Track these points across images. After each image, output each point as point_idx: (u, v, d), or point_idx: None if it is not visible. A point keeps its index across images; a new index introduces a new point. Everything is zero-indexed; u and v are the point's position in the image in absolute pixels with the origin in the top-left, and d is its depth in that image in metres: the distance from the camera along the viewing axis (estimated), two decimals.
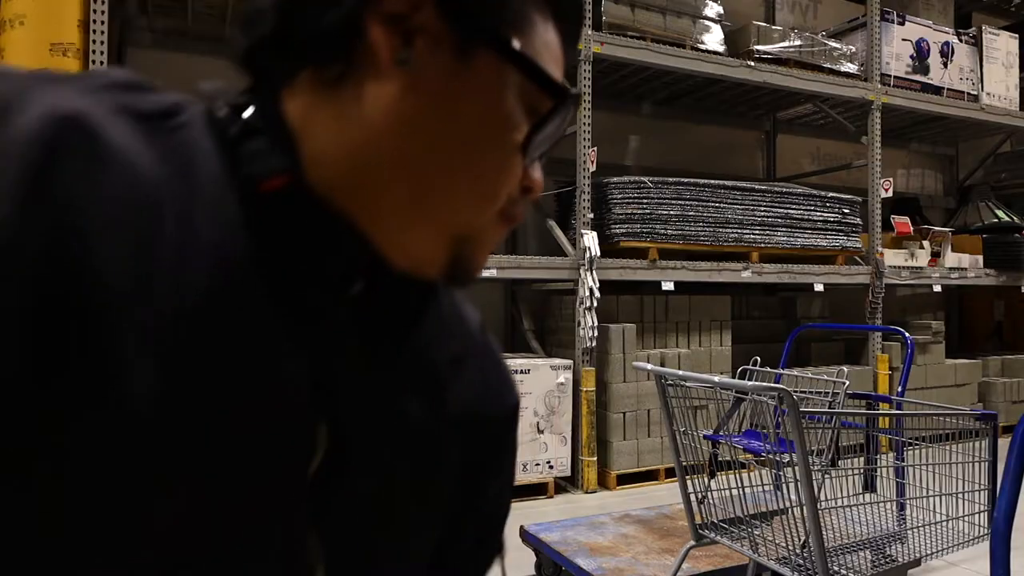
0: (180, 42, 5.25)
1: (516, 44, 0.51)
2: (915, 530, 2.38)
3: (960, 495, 2.36)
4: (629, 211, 5.25)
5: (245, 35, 0.53)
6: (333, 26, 0.49)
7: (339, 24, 0.49)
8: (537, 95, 0.52)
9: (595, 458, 4.98)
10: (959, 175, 9.03)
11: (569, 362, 4.93)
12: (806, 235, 5.94)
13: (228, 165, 0.48)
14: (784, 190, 5.95)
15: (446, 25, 0.50)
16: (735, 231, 5.60)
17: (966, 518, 2.36)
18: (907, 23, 6.66)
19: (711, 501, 2.46)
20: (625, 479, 5.08)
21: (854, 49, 6.39)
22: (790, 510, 2.16)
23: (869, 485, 2.65)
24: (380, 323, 0.54)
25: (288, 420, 0.48)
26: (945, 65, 6.85)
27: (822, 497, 2.13)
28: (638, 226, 5.26)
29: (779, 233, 5.80)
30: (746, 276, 5.64)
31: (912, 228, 6.74)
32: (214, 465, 0.45)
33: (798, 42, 6.05)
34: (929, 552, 2.38)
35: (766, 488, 2.42)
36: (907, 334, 3.56)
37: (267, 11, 0.51)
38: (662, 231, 5.32)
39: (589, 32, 5.07)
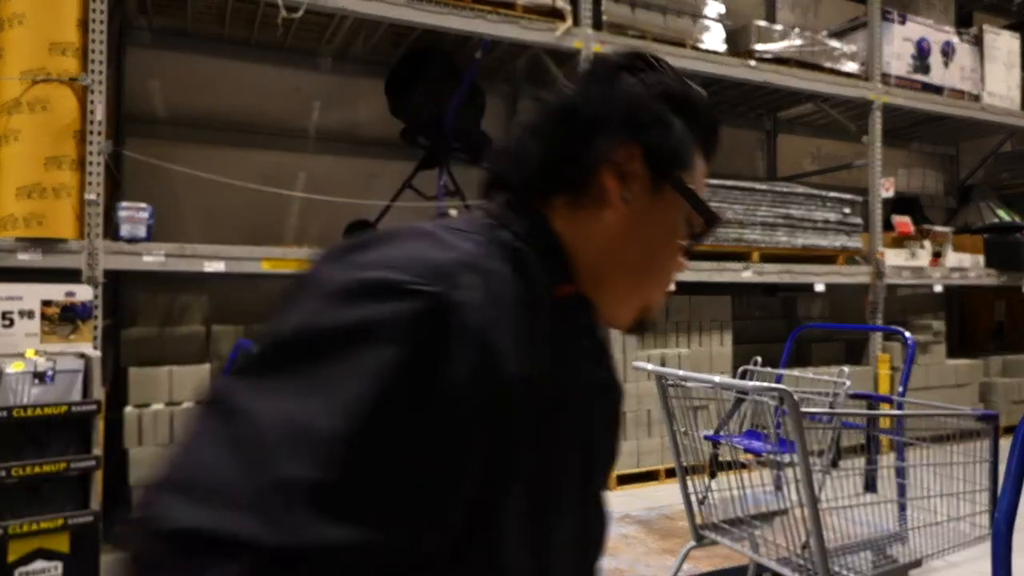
0: (179, 41, 5.25)
1: (688, 183, 0.81)
2: (916, 530, 2.38)
3: (961, 495, 2.35)
4: None
5: (512, 171, 0.82)
6: (581, 172, 0.79)
7: (585, 171, 0.79)
8: (695, 214, 0.83)
9: None
10: (960, 175, 9.02)
11: None
12: (807, 235, 5.93)
13: (540, 276, 0.75)
14: (785, 190, 5.94)
15: (648, 172, 0.80)
16: (735, 231, 5.58)
17: (967, 518, 2.35)
18: (908, 22, 6.65)
19: (711, 502, 2.45)
20: (625, 479, 5.07)
21: (855, 49, 6.38)
22: (791, 510, 2.16)
23: (870, 485, 2.64)
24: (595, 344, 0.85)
25: (607, 423, 0.86)
26: (946, 65, 6.83)
27: (823, 497, 2.12)
28: None
29: (780, 233, 5.78)
30: (746, 276, 5.63)
31: (913, 228, 6.73)
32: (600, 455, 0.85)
33: (799, 42, 6.04)
34: (930, 552, 2.37)
35: (767, 488, 2.42)
36: (908, 334, 3.55)
37: (533, 157, 0.80)
38: None
39: (589, 32, 5.06)
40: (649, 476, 5.17)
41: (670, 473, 5.09)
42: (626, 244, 0.80)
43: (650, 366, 2.49)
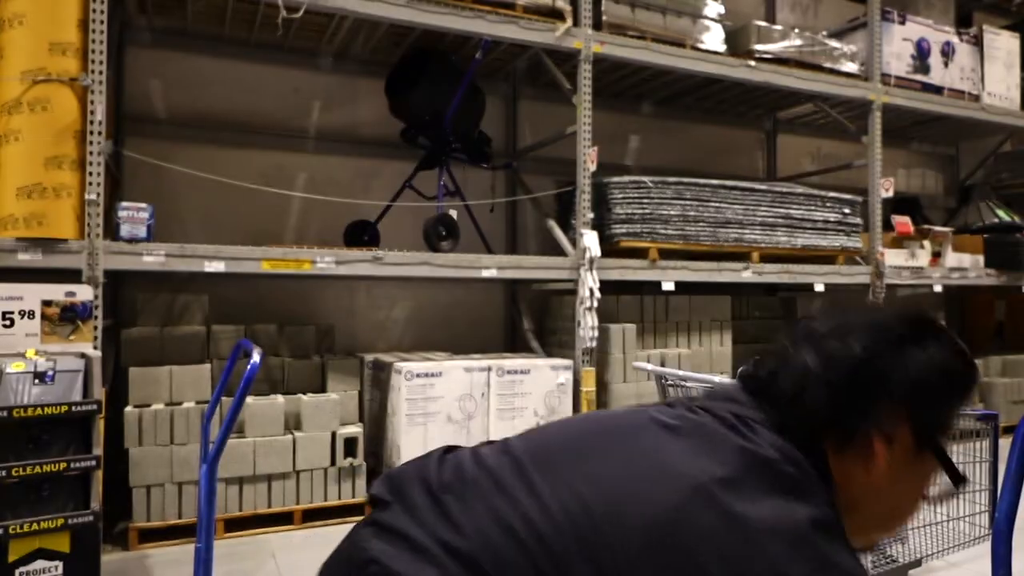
0: (179, 41, 5.25)
1: (944, 444, 0.91)
2: (916, 530, 2.37)
3: (961, 495, 2.35)
4: (629, 211, 5.24)
5: (793, 412, 0.91)
6: (857, 430, 0.90)
7: (861, 431, 0.90)
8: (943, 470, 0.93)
9: None
10: (960, 175, 9.02)
11: (569, 362, 4.92)
12: (807, 235, 5.93)
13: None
14: (785, 190, 5.94)
15: (913, 439, 0.90)
16: (735, 231, 5.59)
17: (967, 518, 2.35)
18: (908, 23, 6.65)
19: None
20: None
21: (855, 49, 6.38)
22: None
23: None
24: None
25: None
26: (946, 65, 6.83)
27: None
28: (638, 226, 5.25)
29: (779, 233, 5.78)
30: (746, 276, 5.63)
31: (913, 228, 6.73)
32: None
33: (799, 42, 6.04)
34: (930, 552, 2.37)
35: None
36: None
37: (818, 405, 0.90)
38: (662, 231, 5.30)
39: (589, 32, 5.06)
40: None
41: None
42: (880, 498, 0.92)
43: (650, 366, 2.49)
